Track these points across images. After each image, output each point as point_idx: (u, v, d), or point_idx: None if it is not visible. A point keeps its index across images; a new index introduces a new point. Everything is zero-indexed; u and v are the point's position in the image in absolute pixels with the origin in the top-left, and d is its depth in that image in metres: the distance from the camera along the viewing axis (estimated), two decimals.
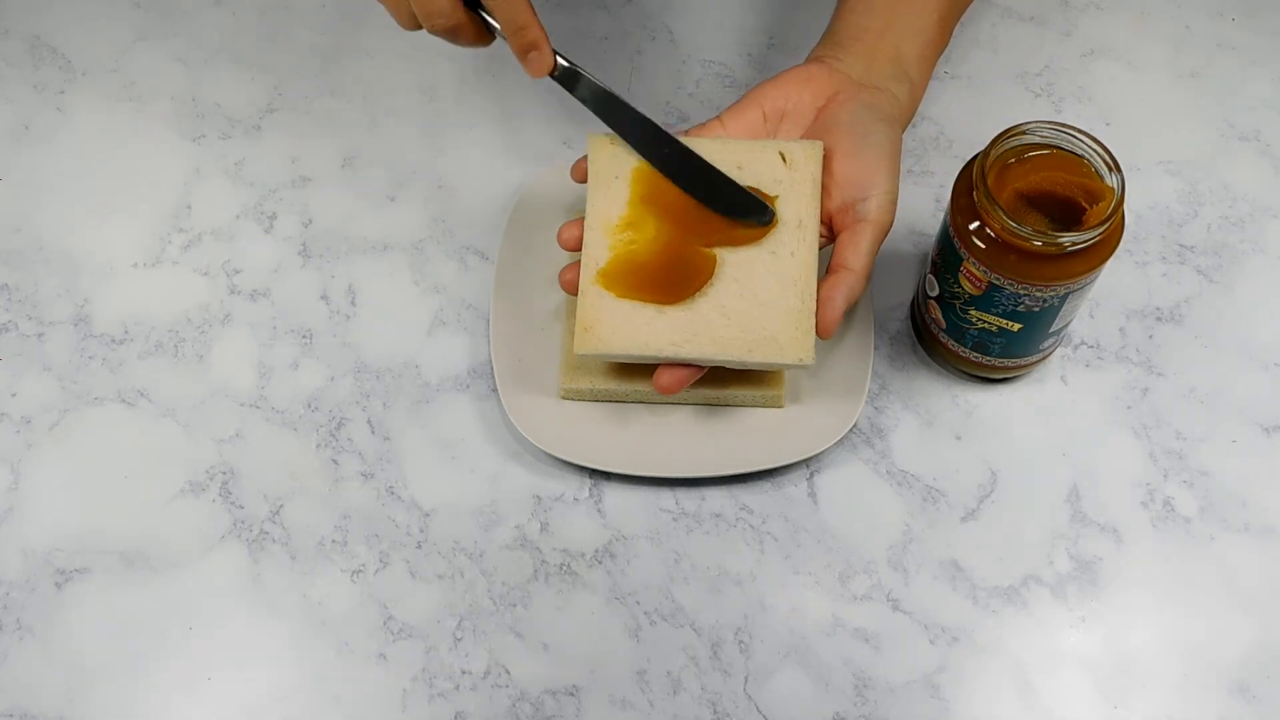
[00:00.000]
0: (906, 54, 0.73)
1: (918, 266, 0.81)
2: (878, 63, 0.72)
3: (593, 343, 0.68)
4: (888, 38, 0.72)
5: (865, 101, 0.70)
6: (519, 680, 0.69)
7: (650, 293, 0.68)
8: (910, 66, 0.73)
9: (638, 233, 0.69)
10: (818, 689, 0.69)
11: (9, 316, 0.79)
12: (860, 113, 0.70)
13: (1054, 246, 0.65)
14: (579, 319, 0.68)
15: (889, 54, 0.72)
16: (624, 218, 0.70)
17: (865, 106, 0.70)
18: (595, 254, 0.69)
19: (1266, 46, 0.89)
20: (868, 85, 0.71)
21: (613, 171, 0.71)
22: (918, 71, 0.73)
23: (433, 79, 0.87)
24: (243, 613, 0.71)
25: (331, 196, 0.83)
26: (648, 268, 0.69)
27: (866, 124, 0.69)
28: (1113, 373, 0.78)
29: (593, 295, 0.69)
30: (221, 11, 0.90)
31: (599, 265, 0.69)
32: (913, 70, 0.73)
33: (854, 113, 0.70)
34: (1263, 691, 0.69)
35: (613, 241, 0.69)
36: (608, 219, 0.70)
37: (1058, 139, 0.68)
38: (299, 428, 0.76)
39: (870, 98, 0.70)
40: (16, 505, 0.74)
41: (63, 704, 0.69)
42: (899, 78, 0.72)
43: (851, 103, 0.70)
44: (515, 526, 0.73)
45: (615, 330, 0.68)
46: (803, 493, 0.74)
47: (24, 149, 0.85)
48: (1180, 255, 0.81)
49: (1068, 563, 0.72)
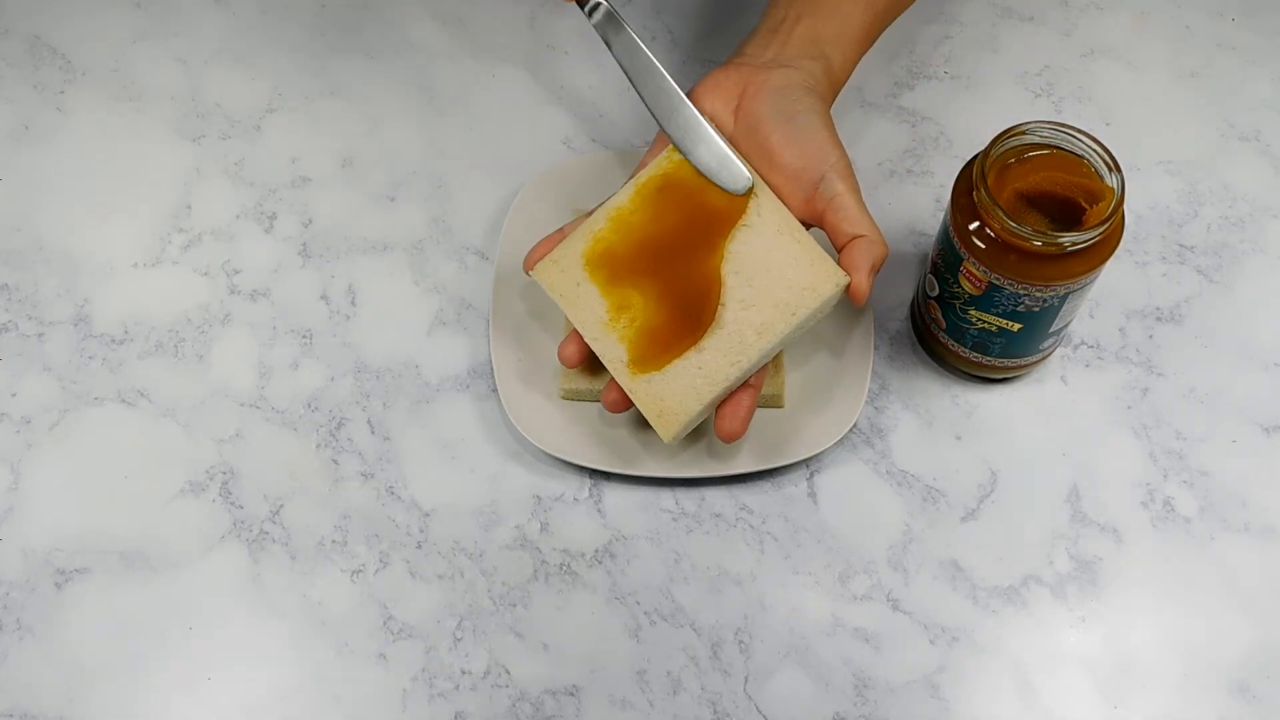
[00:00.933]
0: (822, 34, 0.71)
1: (918, 266, 0.81)
2: (790, 45, 0.71)
3: (675, 423, 0.68)
4: (804, 22, 0.71)
5: (776, 85, 0.69)
6: (519, 680, 0.69)
7: (680, 343, 0.68)
8: (827, 46, 0.71)
9: (631, 309, 0.69)
10: (818, 689, 0.69)
11: (9, 316, 0.79)
12: (776, 98, 0.69)
13: (1054, 246, 0.65)
14: (648, 413, 0.68)
15: (803, 36, 0.71)
16: (610, 309, 0.69)
17: (777, 90, 0.69)
18: (613, 353, 0.68)
19: (1266, 46, 0.89)
20: (775, 66, 0.70)
21: (572, 281, 0.69)
22: (837, 52, 0.71)
23: (433, 79, 0.87)
24: (243, 613, 0.71)
25: (331, 196, 0.83)
26: (663, 330, 0.68)
27: (788, 106, 0.68)
28: (1113, 373, 0.78)
29: (640, 386, 0.68)
30: (221, 11, 0.90)
31: (624, 360, 0.68)
32: (830, 50, 0.71)
33: (771, 101, 0.69)
34: (1263, 691, 0.69)
35: (619, 334, 0.69)
36: (599, 320, 0.69)
37: (1058, 139, 0.68)
38: (299, 428, 0.76)
39: (780, 79, 0.69)
40: (16, 505, 0.74)
41: (63, 704, 0.69)
42: (813, 55, 0.71)
43: (764, 91, 0.69)
44: (515, 526, 0.73)
45: (681, 398, 0.67)
46: (803, 493, 0.74)
47: (24, 149, 0.85)
48: (1180, 255, 0.81)
49: (1068, 563, 0.72)
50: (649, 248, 0.69)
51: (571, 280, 0.69)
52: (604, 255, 0.69)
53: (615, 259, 0.69)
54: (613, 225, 0.70)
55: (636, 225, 0.69)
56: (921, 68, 0.87)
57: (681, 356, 0.68)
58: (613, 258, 0.69)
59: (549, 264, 0.70)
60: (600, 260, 0.69)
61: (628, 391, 0.68)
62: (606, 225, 0.70)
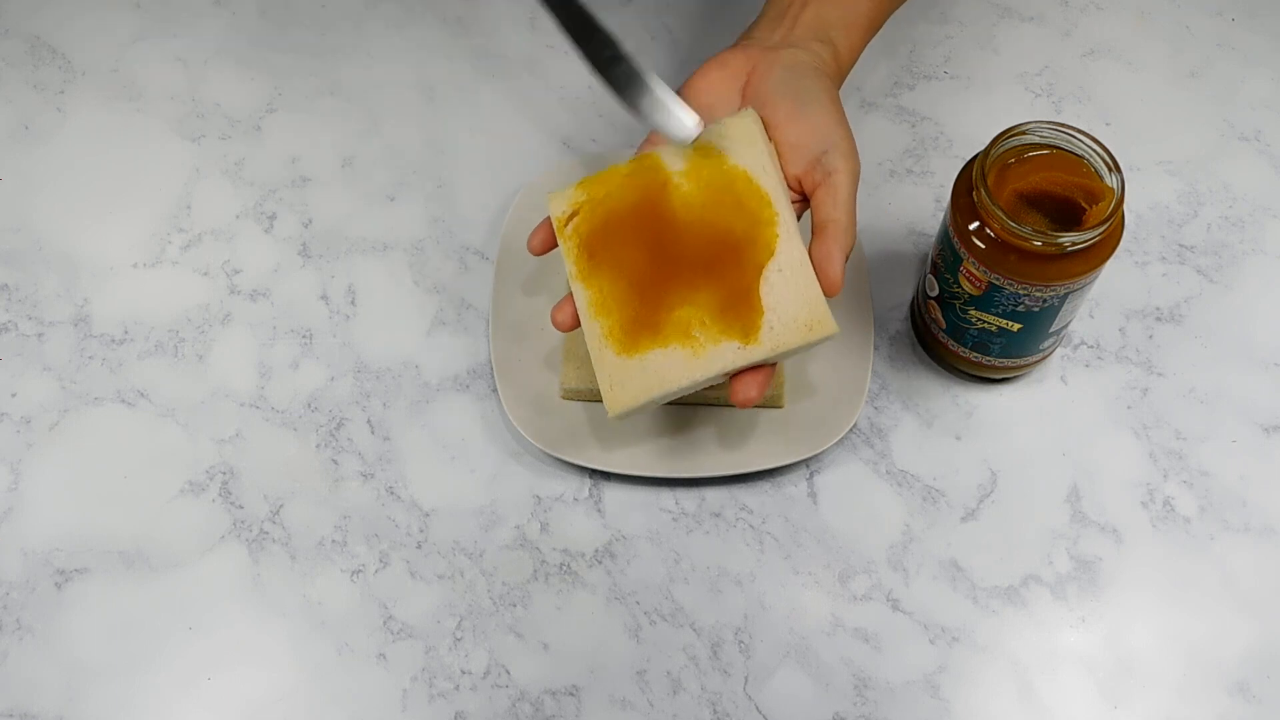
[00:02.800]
0: (829, 19, 0.71)
1: (918, 266, 0.81)
2: (797, 29, 0.71)
3: (622, 405, 0.66)
4: (810, 7, 0.71)
5: (785, 63, 0.69)
6: (519, 680, 0.69)
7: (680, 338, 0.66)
8: (834, 31, 0.71)
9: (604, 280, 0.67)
10: (818, 689, 0.69)
11: (9, 316, 0.79)
12: (785, 75, 0.68)
13: (1054, 246, 0.65)
14: (602, 382, 0.66)
15: (809, 21, 0.71)
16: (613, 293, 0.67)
17: (787, 68, 0.69)
18: (602, 324, 0.67)
19: (1266, 46, 0.89)
20: (784, 47, 0.70)
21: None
22: (842, 37, 0.71)
23: (433, 79, 0.87)
24: (243, 613, 0.71)
25: (331, 196, 0.83)
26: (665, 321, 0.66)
27: (796, 82, 0.68)
28: (1113, 373, 0.78)
29: (608, 358, 0.66)
30: (221, 11, 0.90)
31: (609, 331, 0.67)
32: (836, 35, 0.71)
33: (779, 78, 0.68)
34: (1263, 691, 0.69)
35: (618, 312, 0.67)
36: (602, 298, 0.67)
37: (1058, 139, 0.68)
38: (299, 428, 0.76)
39: (789, 57, 0.69)
40: (16, 505, 0.74)
41: (63, 704, 0.69)
42: (820, 39, 0.70)
43: (773, 69, 0.69)
44: (515, 526, 0.73)
45: (640, 385, 0.66)
46: (803, 493, 0.74)
47: (24, 149, 0.85)
48: (1180, 255, 0.81)
49: (1068, 563, 0.72)
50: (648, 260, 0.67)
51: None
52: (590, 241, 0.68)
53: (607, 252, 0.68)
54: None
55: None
56: (921, 68, 0.87)
57: (665, 348, 0.66)
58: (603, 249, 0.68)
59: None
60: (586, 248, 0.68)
61: (594, 357, 0.67)
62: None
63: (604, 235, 0.67)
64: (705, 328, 0.65)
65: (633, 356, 0.66)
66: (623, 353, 0.66)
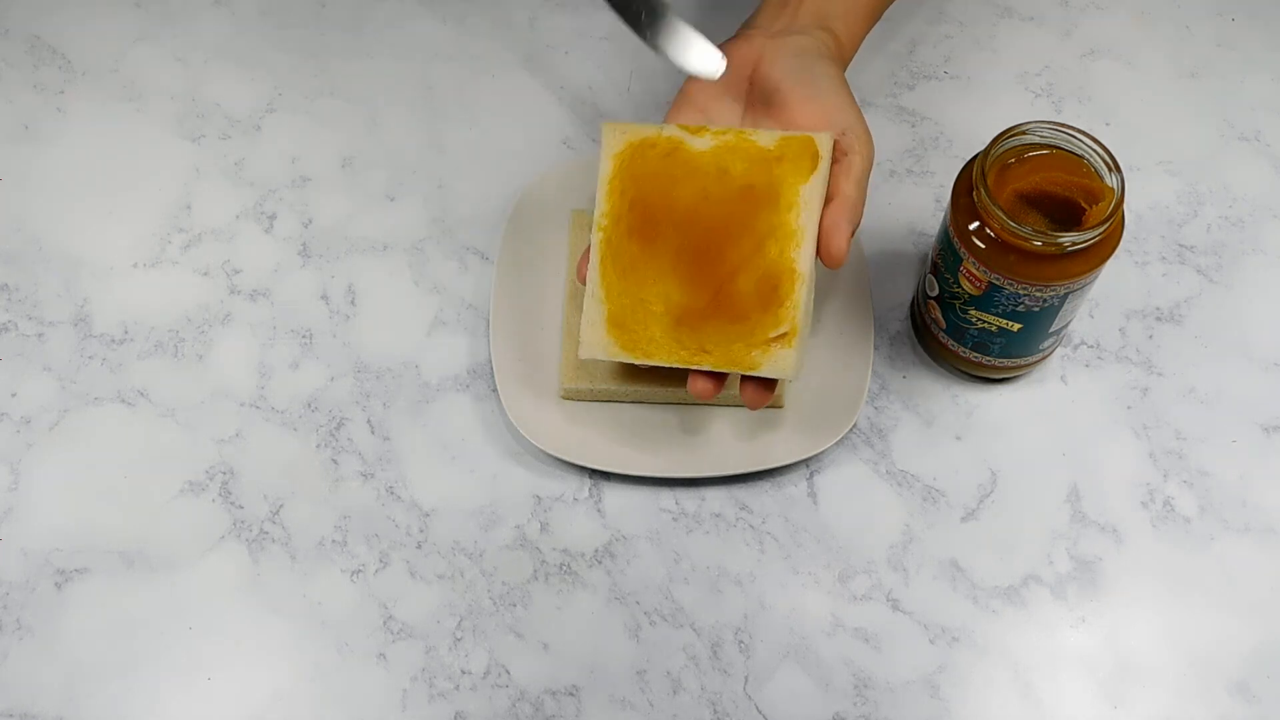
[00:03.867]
0: (829, 11, 0.71)
1: (918, 266, 0.81)
2: (799, 17, 0.71)
3: (592, 352, 0.67)
4: (808, 1, 0.71)
5: (793, 49, 0.69)
6: (519, 680, 0.69)
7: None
8: (834, 22, 0.71)
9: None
10: (818, 689, 0.69)
11: (9, 316, 0.79)
12: (796, 61, 0.68)
13: (1054, 246, 0.65)
14: (586, 320, 0.67)
15: (811, 9, 0.71)
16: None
17: (796, 53, 0.69)
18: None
19: (1266, 46, 0.89)
20: (789, 34, 0.70)
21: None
22: (843, 26, 0.71)
23: (433, 79, 0.87)
24: (243, 613, 0.71)
25: (331, 196, 0.83)
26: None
27: (808, 67, 0.68)
28: (1113, 373, 0.78)
29: (614, 292, 0.67)
30: (221, 11, 0.90)
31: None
32: (837, 25, 0.71)
33: (790, 64, 0.68)
34: (1263, 691, 0.69)
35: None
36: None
37: (1058, 139, 0.68)
38: (299, 428, 0.76)
39: (796, 43, 0.69)
40: (16, 505, 0.74)
41: (63, 704, 0.69)
42: (822, 28, 0.71)
43: (781, 55, 0.69)
44: (515, 526, 0.73)
45: (630, 341, 0.67)
46: (803, 493, 0.74)
47: (24, 149, 0.85)
48: (1180, 255, 0.81)
49: (1068, 563, 0.72)
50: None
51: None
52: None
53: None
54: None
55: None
56: (921, 68, 0.87)
57: (671, 325, 0.66)
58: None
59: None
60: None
61: (590, 290, 0.67)
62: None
63: (646, 214, 0.67)
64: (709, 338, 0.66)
65: (626, 328, 0.66)
66: (615, 319, 0.67)
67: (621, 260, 0.67)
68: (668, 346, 0.66)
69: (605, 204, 0.67)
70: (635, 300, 0.66)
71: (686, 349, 0.66)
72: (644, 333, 0.66)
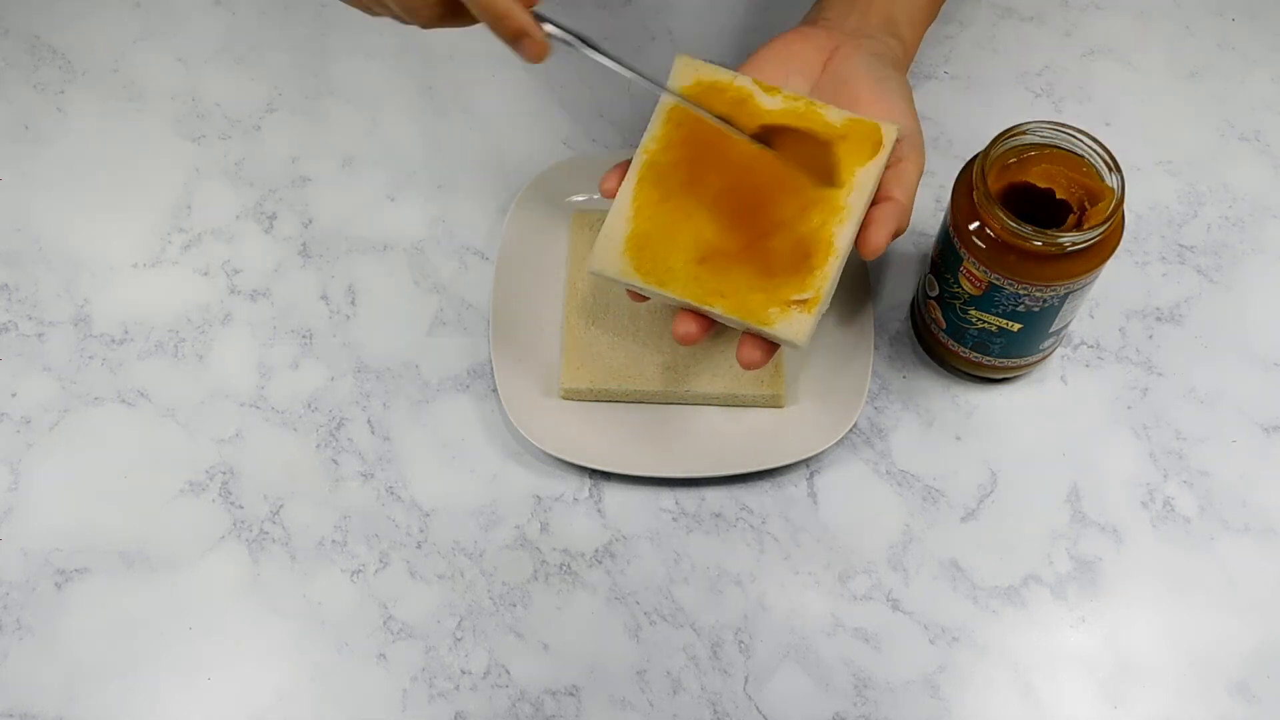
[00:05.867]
0: (897, 16, 0.73)
1: (918, 266, 0.81)
2: (870, 20, 0.72)
3: (601, 266, 0.66)
4: (877, 2, 0.72)
5: (871, 50, 0.70)
6: (519, 680, 0.69)
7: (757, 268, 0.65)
8: (901, 28, 0.72)
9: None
10: (818, 689, 0.69)
11: (9, 316, 0.79)
12: (871, 61, 0.69)
13: (1054, 246, 0.65)
14: (608, 231, 0.65)
15: (880, 14, 0.72)
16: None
17: (873, 55, 0.70)
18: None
19: (1266, 46, 0.89)
20: (863, 36, 0.71)
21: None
22: (909, 32, 0.73)
23: (433, 79, 0.87)
24: (243, 613, 0.71)
25: (331, 196, 0.83)
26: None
27: (880, 70, 0.69)
28: (1113, 373, 0.78)
29: (650, 219, 0.66)
30: (221, 11, 0.90)
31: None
32: (904, 31, 0.72)
33: (865, 61, 0.69)
34: (1263, 691, 0.69)
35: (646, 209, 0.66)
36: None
37: (1058, 139, 0.68)
38: (299, 428, 0.76)
39: (873, 46, 0.70)
40: (16, 505, 0.74)
41: (63, 704, 0.69)
42: (891, 34, 0.72)
43: (858, 53, 0.70)
44: (515, 526, 0.73)
45: (651, 266, 0.65)
46: (803, 493, 0.74)
47: (24, 149, 0.85)
48: (1180, 255, 0.81)
49: (1068, 563, 0.72)
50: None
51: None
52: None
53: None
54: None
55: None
56: (921, 68, 0.87)
57: (699, 263, 0.65)
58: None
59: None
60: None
61: (617, 205, 0.66)
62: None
63: (698, 151, 0.67)
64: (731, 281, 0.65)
65: (644, 253, 0.66)
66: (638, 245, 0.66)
67: (662, 186, 0.66)
68: (683, 280, 0.65)
69: (659, 129, 0.67)
70: (664, 227, 0.66)
71: (703, 288, 0.65)
72: (663, 261, 0.65)
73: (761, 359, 0.66)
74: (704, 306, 0.65)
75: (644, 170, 0.67)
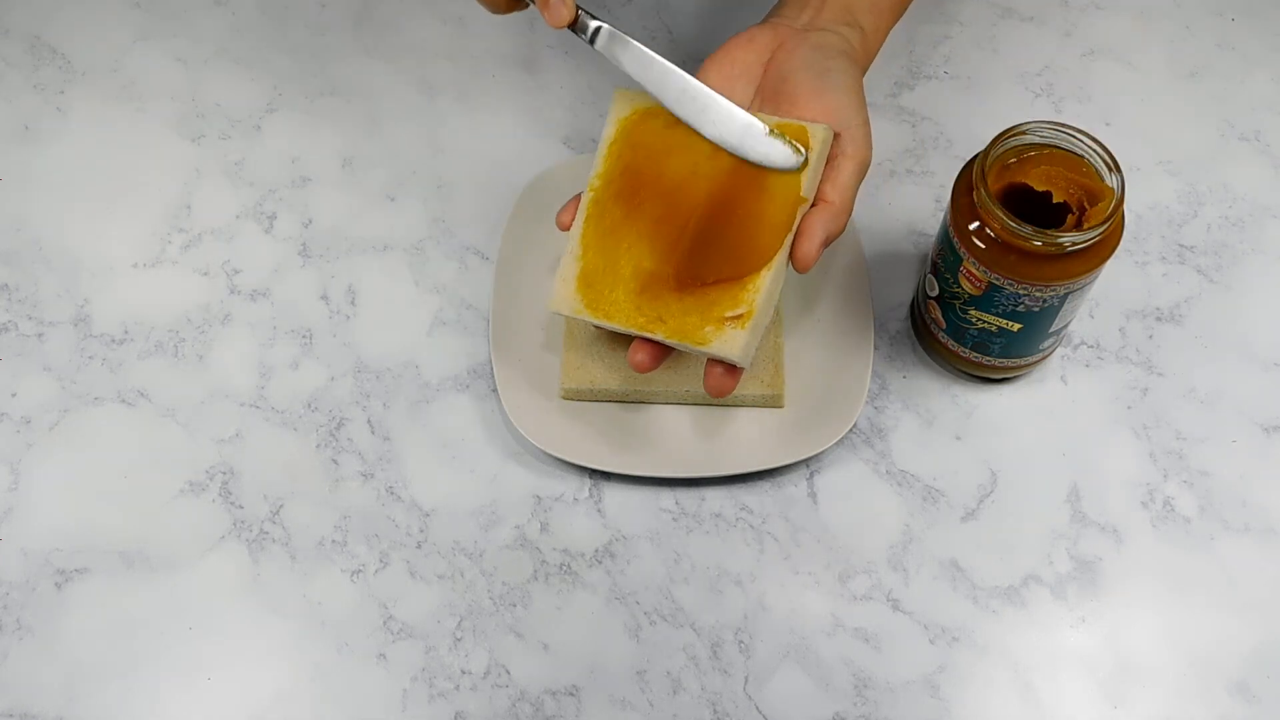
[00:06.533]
0: (854, 5, 0.71)
1: (918, 266, 0.81)
2: (824, 13, 0.70)
3: (562, 307, 0.67)
4: None
5: (813, 43, 0.69)
6: (519, 680, 0.69)
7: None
8: (861, 16, 0.71)
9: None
10: (818, 689, 0.69)
11: (9, 316, 0.79)
12: (811, 54, 0.68)
13: (1054, 246, 0.66)
14: (565, 274, 0.67)
15: (837, 5, 0.71)
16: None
17: (814, 48, 0.68)
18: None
19: (1266, 46, 0.89)
20: (812, 29, 0.70)
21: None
22: (869, 20, 0.71)
23: (433, 79, 0.87)
24: (243, 613, 0.71)
25: (331, 196, 0.83)
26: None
27: (822, 62, 0.68)
28: (1113, 373, 0.78)
29: (601, 252, 0.67)
30: (221, 11, 0.90)
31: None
32: (864, 19, 0.71)
33: (805, 56, 0.68)
34: (1263, 691, 0.69)
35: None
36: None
37: (1058, 139, 0.68)
38: (299, 428, 0.76)
39: (817, 39, 0.69)
40: (16, 505, 0.74)
41: (63, 704, 0.69)
42: (848, 24, 0.70)
43: (800, 48, 0.68)
44: (515, 526, 0.73)
45: (597, 302, 0.66)
46: (803, 493, 0.74)
47: (24, 149, 0.85)
48: (1180, 255, 0.81)
49: (1068, 563, 0.72)
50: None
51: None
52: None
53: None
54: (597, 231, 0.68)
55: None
56: (921, 68, 0.88)
57: (664, 292, 0.66)
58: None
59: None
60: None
61: (569, 245, 0.67)
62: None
63: (635, 181, 0.67)
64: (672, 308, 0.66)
65: (597, 289, 0.66)
66: (588, 280, 0.67)
67: (604, 221, 0.67)
68: (627, 311, 0.66)
69: (601, 165, 0.68)
70: (608, 262, 0.67)
71: (644, 316, 0.66)
72: (609, 295, 0.66)
73: (725, 384, 0.66)
74: (647, 334, 0.66)
75: (590, 207, 0.68)
